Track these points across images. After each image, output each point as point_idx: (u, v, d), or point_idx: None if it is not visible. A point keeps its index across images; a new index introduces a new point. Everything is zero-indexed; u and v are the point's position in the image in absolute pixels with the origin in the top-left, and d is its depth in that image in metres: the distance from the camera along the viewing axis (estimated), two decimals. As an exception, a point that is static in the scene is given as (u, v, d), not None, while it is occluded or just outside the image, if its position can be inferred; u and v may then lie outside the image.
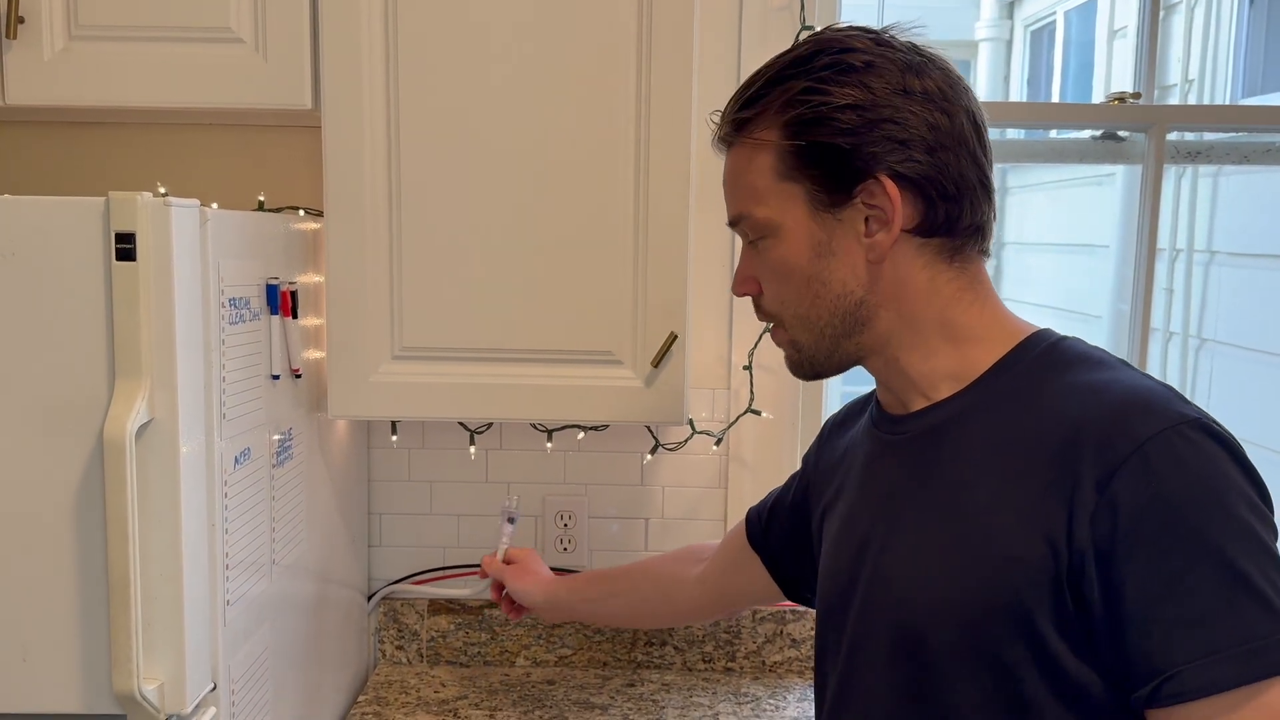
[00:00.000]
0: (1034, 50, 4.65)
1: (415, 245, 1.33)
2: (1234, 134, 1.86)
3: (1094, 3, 3.86)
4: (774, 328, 0.96)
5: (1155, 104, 1.72)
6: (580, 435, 1.65)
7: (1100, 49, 3.68)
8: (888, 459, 0.94)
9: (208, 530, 1.05)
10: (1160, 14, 1.73)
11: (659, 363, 1.34)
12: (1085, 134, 1.77)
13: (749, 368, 1.62)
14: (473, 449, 1.65)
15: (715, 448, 1.67)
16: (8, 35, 1.32)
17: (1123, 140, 1.74)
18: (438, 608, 1.72)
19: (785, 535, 1.19)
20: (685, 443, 1.66)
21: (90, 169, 1.59)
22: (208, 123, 1.57)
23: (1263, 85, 2.91)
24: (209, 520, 1.05)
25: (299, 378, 1.30)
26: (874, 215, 0.86)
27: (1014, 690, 0.80)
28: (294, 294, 1.24)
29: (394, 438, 1.66)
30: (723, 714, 1.56)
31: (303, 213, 1.42)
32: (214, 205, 1.05)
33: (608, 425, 1.63)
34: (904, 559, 0.88)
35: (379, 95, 1.31)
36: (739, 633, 1.70)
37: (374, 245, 1.33)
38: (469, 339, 1.35)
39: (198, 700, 1.04)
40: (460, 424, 1.64)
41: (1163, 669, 0.74)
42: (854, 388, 1.29)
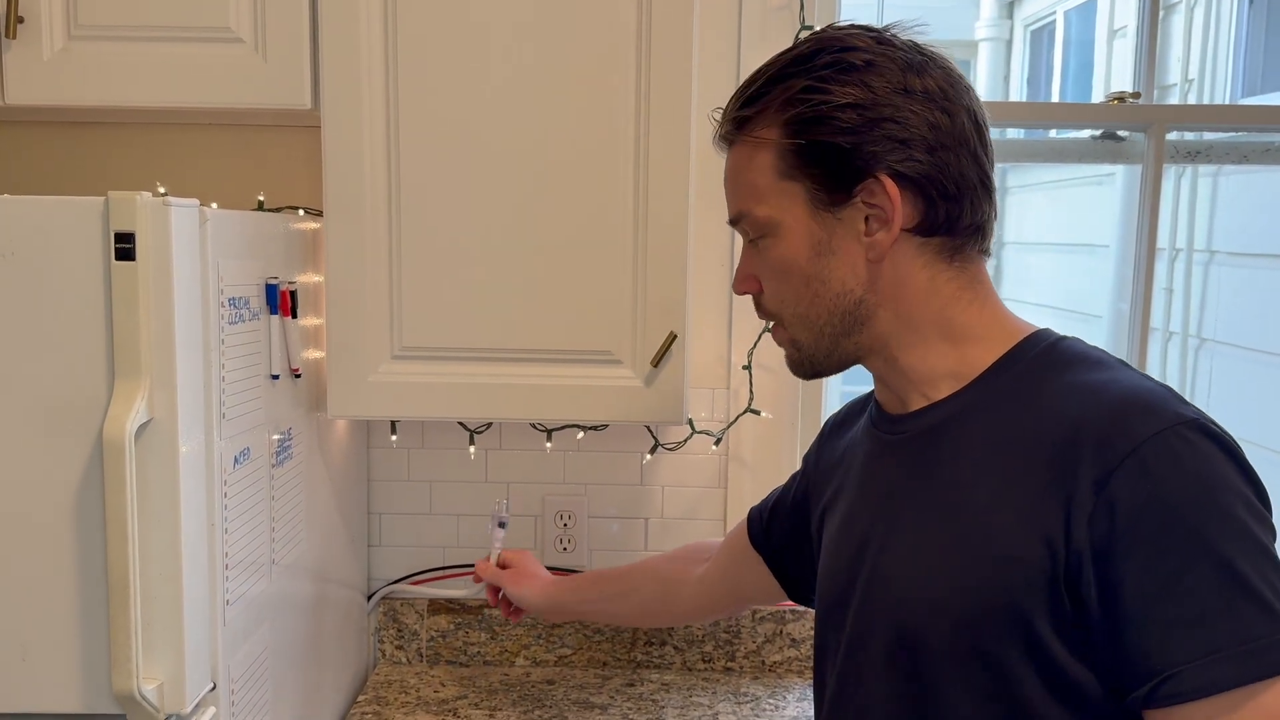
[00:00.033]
0: (1034, 50, 4.65)
1: (415, 245, 1.33)
2: (1233, 134, 1.86)
3: (1094, 2, 3.86)
4: (774, 327, 0.96)
5: (1155, 104, 1.73)
6: (580, 435, 1.65)
7: (1100, 49, 3.68)
8: (887, 458, 0.94)
9: (207, 530, 1.05)
10: (1160, 14, 1.73)
11: (658, 362, 1.34)
12: (1085, 134, 1.77)
13: (748, 367, 1.62)
14: (472, 449, 1.65)
15: (715, 447, 1.67)
16: (7, 35, 1.32)
17: (1122, 140, 1.74)
18: (437, 607, 1.72)
19: (786, 535, 1.18)
20: (685, 442, 1.66)
21: (90, 169, 1.59)
22: (207, 122, 1.57)
23: (1262, 85, 2.91)
24: (208, 520, 1.05)
25: (298, 377, 1.30)
26: (874, 214, 0.86)
27: (1011, 690, 0.80)
28: (293, 294, 1.24)
29: (393, 437, 1.66)
30: (722, 713, 1.56)
31: (302, 212, 1.42)
32: (213, 205, 1.05)
33: (607, 425, 1.63)
34: (903, 559, 0.88)
35: (378, 95, 1.31)
36: (739, 632, 1.70)
37: (373, 245, 1.33)
38: (468, 339, 1.35)
39: (197, 700, 1.04)
40: (460, 424, 1.64)
41: (1160, 669, 0.74)
42: (854, 387, 1.28)
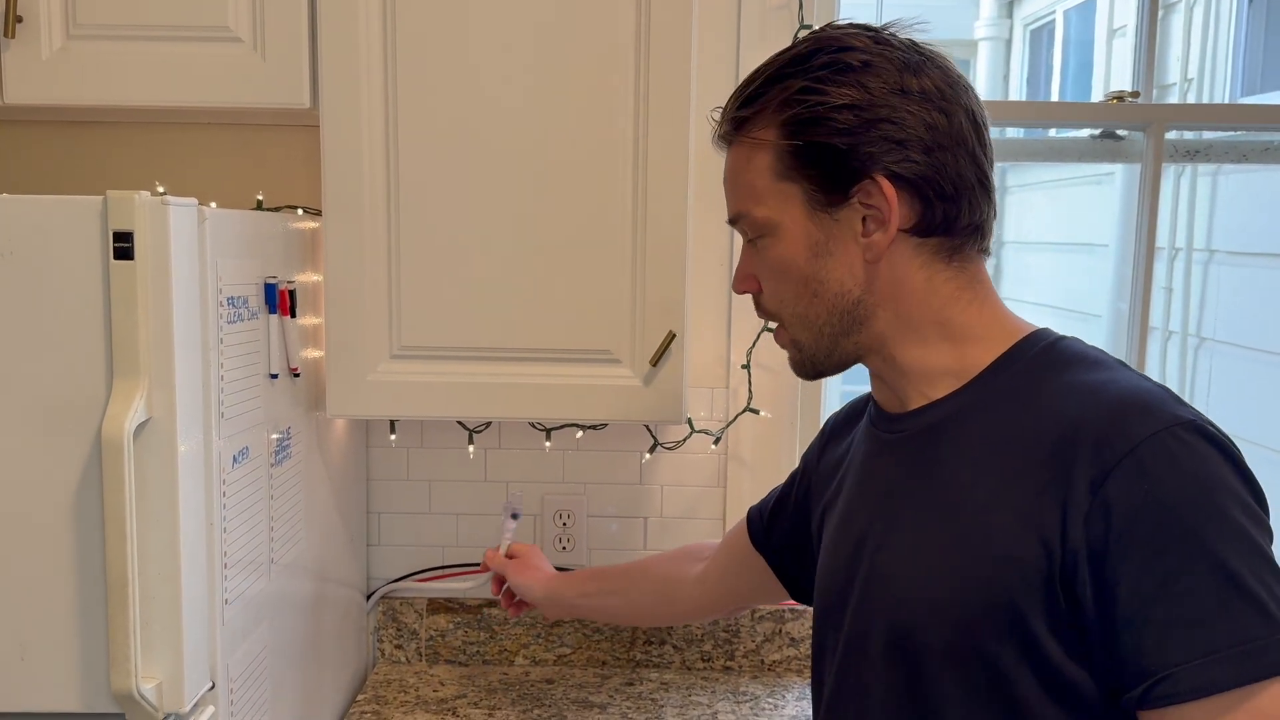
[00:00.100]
0: (1033, 49, 4.65)
1: (414, 244, 1.33)
2: (1233, 133, 1.86)
3: (1093, 2, 3.86)
4: (776, 329, 0.96)
5: (1154, 103, 1.73)
6: (579, 434, 1.65)
7: (1099, 48, 3.68)
8: (886, 457, 0.94)
9: (206, 529, 1.05)
10: (1159, 13, 1.73)
11: (657, 362, 1.34)
12: (1084, 133, 1.77)
13: (747, 367, 1.62)
14: (471, 448, 1.65)
15: (714, 447, 1.67)
16: (6, 34, 1.32)
17: (1121, 139, 1.74)
18: (437, 607, 1.72)
19: (787, 534, 1.18)
20: (684, 442, 1.66)
21: (88, 168, 1.59)
22: (206, 122, 1.57)
23: (1261, 84, 2.91)
24: (207, 519, 1.05)
25: (297, 377, 1.30)
26: (871, 215, 0.86)
27: (1007, 690, 0.80)
28: (292, 293, 1.24)
29: (393, 437, 1.66)
30: (721, 713, 1.56)
31: (301, 212, 1.42)
32: (212, 204, 1.05)
33: (606, 424, 1.63)
34: (900, 558, 0.88)
35: (377, 94, 1.31)
36: (738, 631, 1.70)
37: (372, 244, 1.33)
38: (467, 338, 1.35)
39: (196, 699, 1.04)
40: (459, 423, 1.64)
41: (1155, 670, 0.74)
42: (854, 387, 1.28)
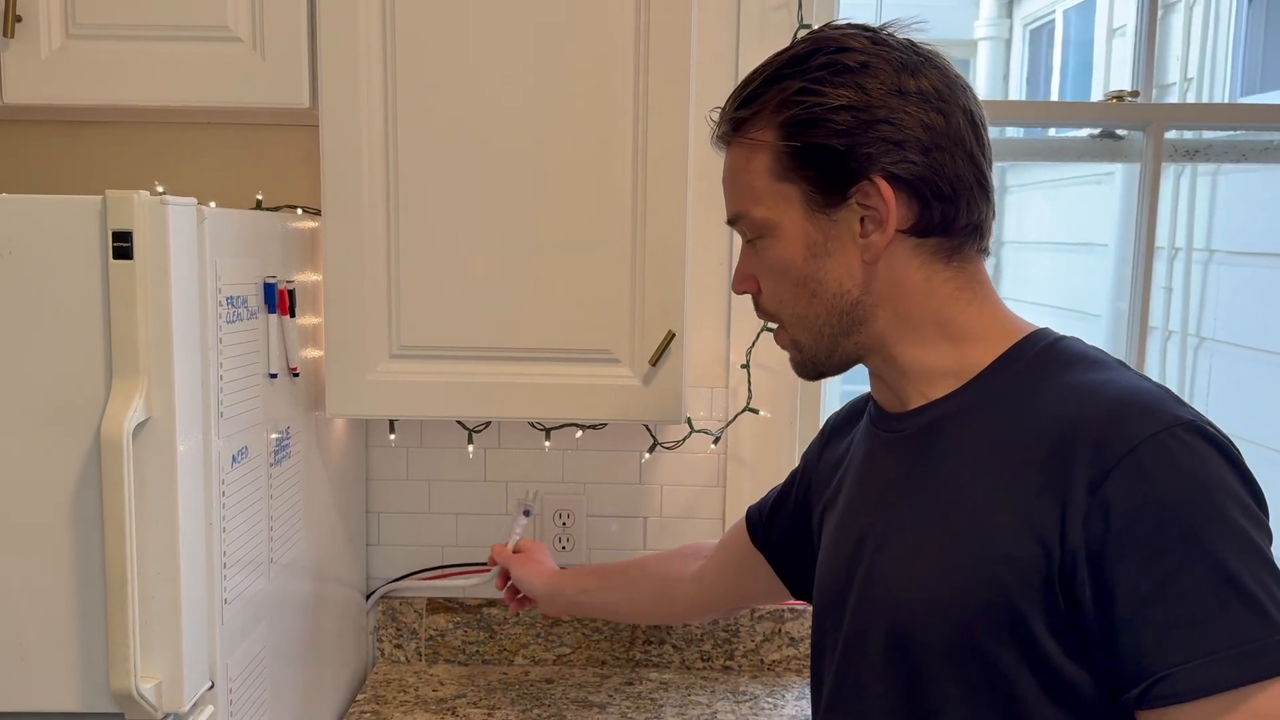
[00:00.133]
0: (1033, 49, 4.65)
1: (413, 244, 1.33)
2: (1232, 132, 1.86)
3: (1093, 1, 3.85)
4: (777, 329, 0.96)
5: (1153, 102, 1.73)
6: (578, 434, 1.65)
7: (1099, 47, 3.68)
8: (885, 457, 0.94)
9: (205, 529, 1.05)
10: (1159, 12, 1.73)
11: (657, 361, 1.34)
12: (1084, 132, 1.77)
13: (747, 366, 1.62)
14: (471, 448, 1.65)
15: (713, 446, 1.67)
16: (5, 34, 1.31)
17: (1121, 139, 1.74)
18: (436, 606, 1.72)
19: (787, 532, 1.19)
20: (683, 441, 1.66)
21: (88, 168, 1.59)
22: (205, 121, 1.57)
23: (1261, 84, 2.91)
24: (206, 519, 1.05)
25: (297, 376, 1.30)
26: (869, 216, 0.86)
27: (1006, 689, 0.80)
28: (292, 293, 1.24)
29: (392, 436, 1.66)
30: (721, 712, 1.56)
31: (300, 211, 1.42)
32: (211, 204, 1.05)
33: (606, 424, 1.63)
34: (899, 557, 0.88)
35: (376, 94, 1.31)
36: (737, 631, 1.70)
37: (372, 244, 1.33)
38: (467, 338, 1.35)
39: (195, 699, 1.04)
40: (458, 423, 1.64)
41: (1154, 670, 0.74)
42: (853, 387, 1.28)
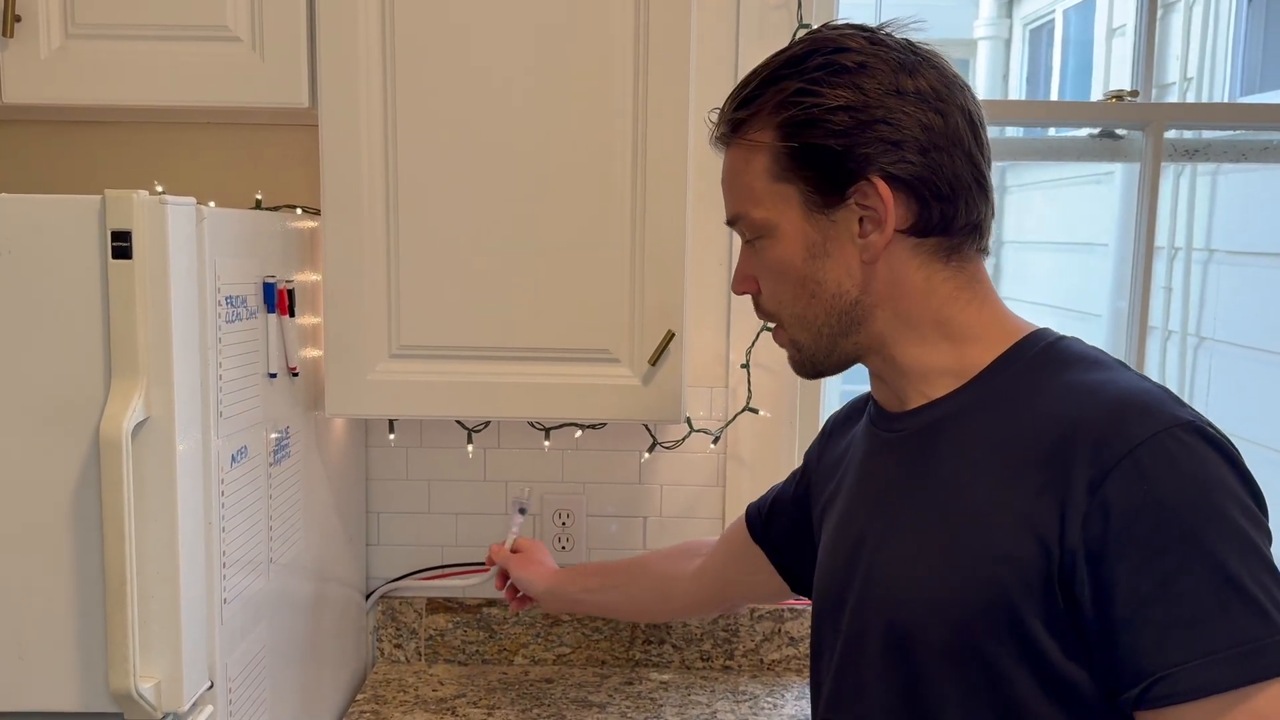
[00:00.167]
0: (1033, 48, 4.64)
1: (412, 244, 1.33)
2: (1232, 132, 1.85)
3: (1093, 1, 3.85)
4: (775, 328, 0.96)
5: (1153, 102, 1.73)
6: (578, 434, 1.65)
7: (1099, 47, 3.68)
8: (885, 456, 0.94)
9: (204, 528, 1.05)
10: (1159, 12, 1.73)
11: (656, 361, 1.34)
12: (1083, 132, 1.77)
13: (746, 366, 1.62)
14: (470, 447, 1.65)
15: (713, 446, 1.67)
16: (4, 34, 1.31)
17: (1121, 138, 1.74)
18: (436, 606, 1.72)
19: (787, 530, 1.19)
20: (683, 441, 1.66)
21: (87, 167, 1.59)
22: (205, 121, 1.57)
23: (1261, 83, 2.91)
24: (206, 518, 1.05)
25: (296, 376, 1.30)
26: (867, 216, 0.86)
27: (1005, 689, 0.80)
28: (291, 292, 1.24)
29: (392, 436, 1.66)
30: (721, 712, 1.56)
31: (300, 211, 1.42)
32: (211, 204, 1.05)
33: (605, 424, 1.63)
34: (898, 557, 0.88)
35: (376, 94, 1.31)
36: (737, 631, 1.70)
37: (371, 244, 1.33)
38: (466, 337, 1.35)
39: (194, 698, 1.04)
40: (458, 422, 1.64)
41: (1153, 670, 0.74)
42: (853, 387, 1.28)
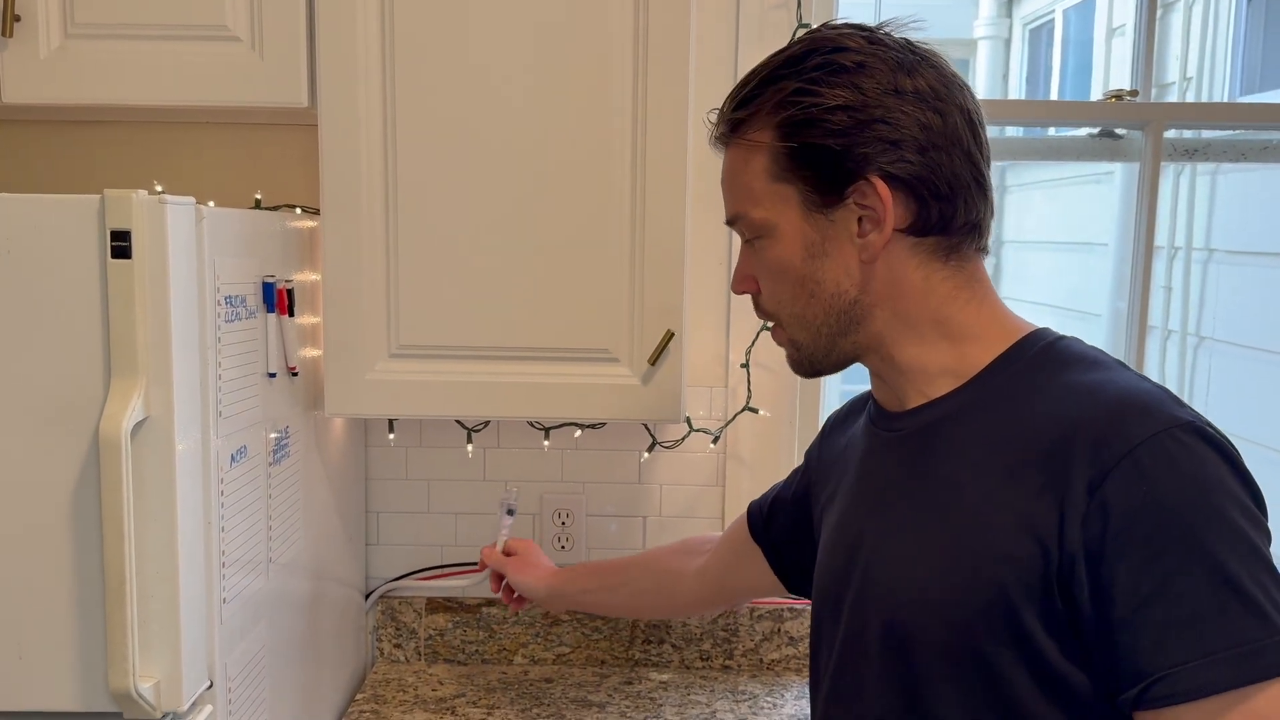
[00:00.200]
0: (1032, 48, 4.65)
1: (412, 243, 1.33)
2: (1231, 131, 1.86)
3: (1092, 1, 3.85)
4: (774, 327, 0.96)
5: (1153, 102, 1.73)
6: (577, 433, 1.65)
7: (1099, 47, 3.68)
8: (884, 455, 0.94)
9: (204, 528, 1.05)
10: (1158, 12, 1.73)
11: (656, 361, 1.34)
12: (1083, 132, 1.77)
13: (746, 365, 1.62)
14: (470, 447, 1.65)
15: (713, 446, 1.67)
16: (4, 34, 1.31)
17: (1120, 138, 1.74)
18: (435, 606, 1.72)
19: (787, 529, 1.19)
20: (682, 441, 1.66)
21: (86, 167, 1.59)
22: (204, 121, 1.57)
23: (1260, 83, 2.91)
24: (205, 518, 1.05)
25: (295, 376, 1.30)
26: (866, 215, 0.86)
27: (1003, 689, 0.80)
28: (290, 292, 1.24)
29: (391, 436, 1.66)
30: (720, 711, 1.56)
31: (299, 211, 1.42)
32: (210, 203, 1.05)
33: (605, 423, 1.63)
34: (896, 557, 0.88)
35: (375, 94, 1.31)
36: (736, 630, 1.70)
37: (370, 243, 1.33)
38: (466, 337, 1.35)
39: (194, 698, 1.04)
40: (457, 422, 1.64)
41: (1151, 671, 0.74)
42: (853, 386, 1.28)
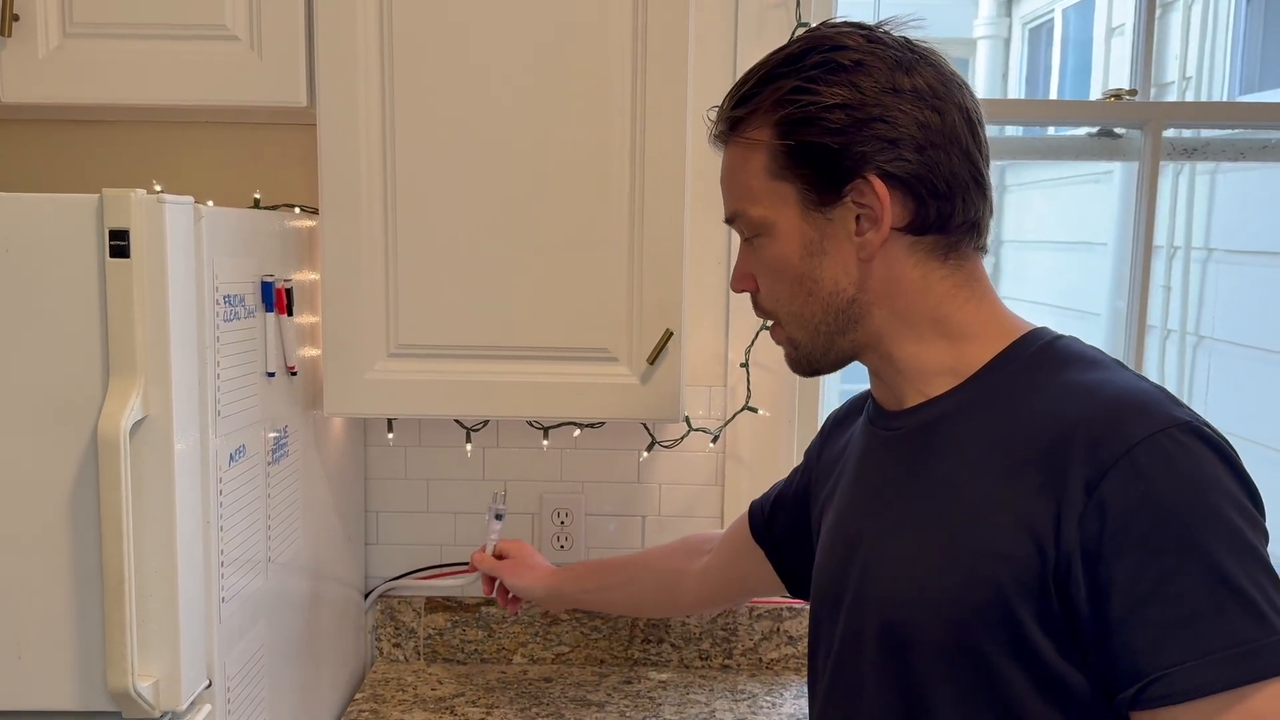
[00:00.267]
0: (1032, 48, 4.65)
1: (411, 243, 1.33)
2: (1231, 131, 1.86)
3: (1092, 0, 3.86)
4: (773, 326, 0.96)
5: (1152, 101, 1.73)
6: (576, 433, 1.65)
7: (1098, 46, 3.68)
8: (882, 454, 0.94)
9: (203, 527, 1.05)
10: (1157, 11, 1.73)
11: (655, 360, 1.34)
12: (1082, 131, 1.77)
13: (745, 365, 1.62)
14: (469, 446, 1.65)
15: (712, 445, 1.67)
16: (3, 33, 1.31)
17: (1120, 137, 1.74)
18: (435, 605, 1.72)
19: (788, 529, 1.19)
20: (682, 440, 1.66)
21: (85, 166, 1.59)
22: (203, 120, 1.57)
23: (1260, 82, 2.91)
24: (204, 517, 1.05)
25: (294, 375, 1.30)
26: (864, 214, 0.86)
27: (999, 688, 0.80)
28: (289, 291, 1.24)
29: (390, 435, 1.66)
30: (719, 711, 1.56)
31: (298, 210, 1.42)
32: (209, 202, 1.05)
33: (604, 423, 1.63)
34: (894, 556, 0.88)
35: (374, 93, 1.31)
36: (736, 630, 1.70)
37: (369, 243, 1.33)
38: (465, 336, 1.35)
39: (193, 697, 1.04)
40: (456, 421, 1.64)
41: (1148, 671, 0.74)
42: (852, 386, 1.28)
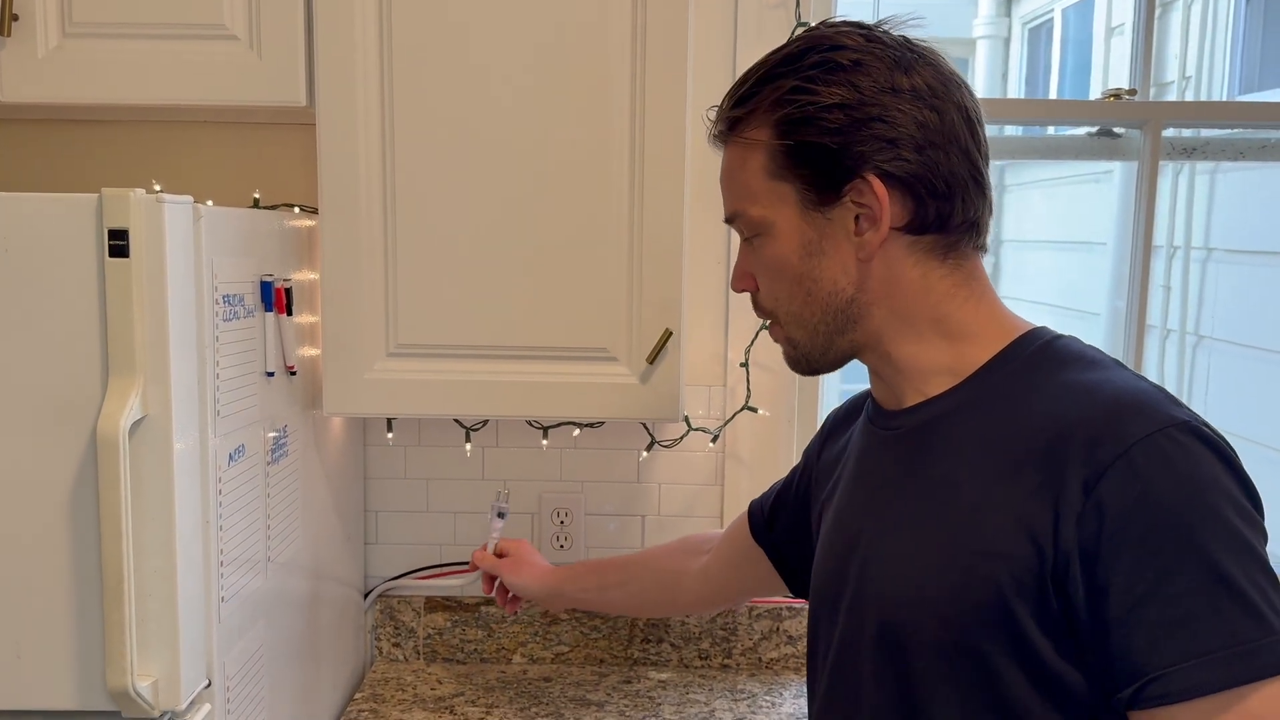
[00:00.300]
0: (1032, 47, 4.65)
1: (410, 242, 1.33)
2: (1230, 130, 1.86)
3: (1091, 0, 3.86)
4: (772, 325, 0.96)
5: (1152, 100, 1.73)
6: (576, 432, 1.65)
7: (1098, 46, 3.68)
8: (881, 454, 0.94)
9: (202, 527, 1.05)
10: (1157, 11, 1.73)
11: (654, 359, 1.34)
12: (1082, 131, 1.77)
13: (745, 364, 1.62)
14: (468, 446, 1.65)
15: (711, 445, 1.67)
16: (2, 33, 1.31)
17: (1119, 137, 1.74)
18: (434, 605, 1.72)
19: (788, 528, 1.19)
20: (681, 440, 1.66)
21: (84, 166, 1.59)
22: (202, 120, 1.57)
23: (1259, 81, 2.91)
24: (203, 517, 1.05)
25: (294, 375, 1.30)
26: (863, 214, 0.86)
27: (998, 688, 0.80)
28: (289, 291, 1.24)
29: (389, 435, 1.66)
30: (719, 710, 1.56)
31: (298, 210, 1.42)
32: (208, 202, 1.05)
33: (603, 422, 1.63)
34: (893, 555, 0.88)
35: (373, 92, 1.31)
36: (735, 629, 1.70)
37: (369, 242, 1.33)
38: (464, 336, 1.35)
39: (192, 697, 1.04)
40: (456, 421, 1.64)
41: (1146, 670, 0.73)
42: (852, 385, 1.29)
